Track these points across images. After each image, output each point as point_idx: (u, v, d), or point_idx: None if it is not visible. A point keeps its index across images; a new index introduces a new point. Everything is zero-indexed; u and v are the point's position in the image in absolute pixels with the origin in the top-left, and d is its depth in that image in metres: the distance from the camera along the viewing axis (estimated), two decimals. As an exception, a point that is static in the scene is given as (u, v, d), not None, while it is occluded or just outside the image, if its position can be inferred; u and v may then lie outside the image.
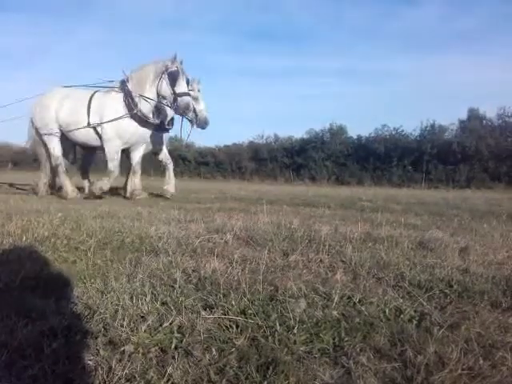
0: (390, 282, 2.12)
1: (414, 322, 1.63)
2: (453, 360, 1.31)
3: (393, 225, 4.02)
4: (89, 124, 7.48)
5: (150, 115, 7.46)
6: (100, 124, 7.42)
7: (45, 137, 7.90)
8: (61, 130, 7.81)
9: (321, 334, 1.49)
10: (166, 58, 7.19)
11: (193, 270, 2.22)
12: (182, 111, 7.29)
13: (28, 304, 1.69)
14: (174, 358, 1.34)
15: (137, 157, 7.84)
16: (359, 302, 1.79)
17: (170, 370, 1.25)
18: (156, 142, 7.99)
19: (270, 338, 1.47)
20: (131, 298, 1.76)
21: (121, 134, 7.42)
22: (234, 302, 1.72)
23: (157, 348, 1.39)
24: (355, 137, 28.61)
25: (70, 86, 8.10)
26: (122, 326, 1.51)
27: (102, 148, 7.72)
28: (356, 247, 2.84)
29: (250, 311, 1.65)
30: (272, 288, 1.94)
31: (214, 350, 1.38)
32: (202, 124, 7.96)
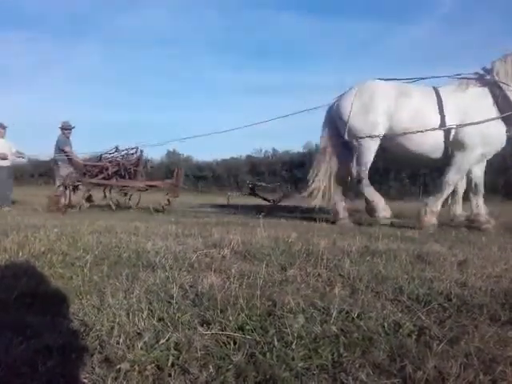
0: (388, 296, 2.10)
1: (413, 336, 1.62)
2: (453, 375, 1.30)
3: (391, 238, 4.02)
4: (444, 126, 5.73)
5: None
6: (461, 127, 5.69)
7: (356, 142, 6.10)
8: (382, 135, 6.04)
9: (319, 350, 1.48)
10: None
11: (190, 286, 2.20)
12: None
13: (23, 321, 1.67)
14: (170, 375, 1.32)
15: (479, 171, 6.03)
16: (358, 316, 1.78)
17: (166, 388, 1.23)
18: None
19: (268, 354, 1.45)
20: (127, 314, 1.74)
21: (487, 140, 5.69)
22: (231, 318, 1.70)
23: (153, 365, 1.37)
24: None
25: (389, 80, 6.28)
26: (118, 343, 1.50)
27: (441, 159, 5.94)
28: (354, 261, 2.83)
29: (247, 327, 1.63)
30: (270, 303, 1.93)
31: (211, 366, 1.36)
32: None
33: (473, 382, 1.28)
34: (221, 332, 1.60)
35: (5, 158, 8.92)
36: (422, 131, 5.73)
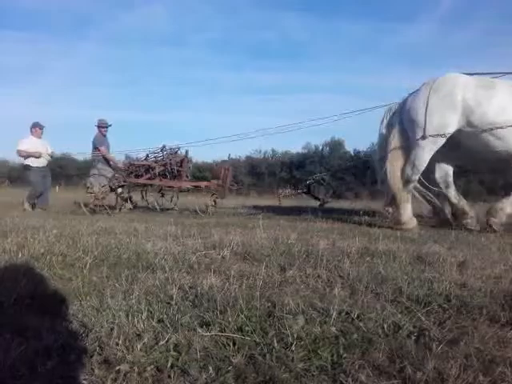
0: (388, 297, 2.10)
1: (413, 337, 1.61)
2: (452, 376, 1.30)
3: (390, 239, 4.02)
4: None
5: None
6: None
7: (422, 141, 5.53)
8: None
9: (319, 351, 1.47)
10: None
11: (190, 287, 2.20)
12: None
13: (23, 322, 1.67)
14: (170, 377, 1.32)
15: None
16: (357, 317, 1.78)
17: (165, 389, 1.23)
18: None
19: (267, 355, 1.45)
20: (127, 315, 1.74)
21: None
22: (231, 319, 1.70)
23: (152, 367, 1.37)
24: (352, 151, 28.84)
25: (469, 74, 5.68)
26: (117, 344, 1.49)
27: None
28: (354, 262, 2.83)
29: (247, 328, 1.63)
30: (269, 304, 1.93)
31: (210, 368, 1.36)
32: None
33: (472, 383, 1.28)
34: (220, 333, 1.60)
35: (40, 157, 8.60)
36: None
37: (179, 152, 8.55)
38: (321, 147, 29.55)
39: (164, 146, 8.56)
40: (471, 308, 1.94)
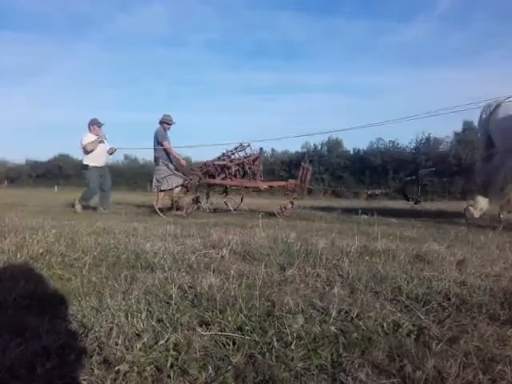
0: (387, 296, 2.10)
1: (413, 336, 1.61)
2: (452, 374, 1.30)
3: (389, 237, 4.02)
4: None
5: None
6: None
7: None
8: None
9: (319, 350, 1.47)
10: None
11: (189, 286, 2.20)
12: None
13: (22, 323, 1.66)
14: (169, 376, 1.32)
15: None
16: (357, 316, 1.78)
17: (165, 389, 1.23)
18: None
19: (267, 354, 1.45)
20: (126, 315, 1.73)
21: None
22: (230, 319, 1.70)
23: (152, 367, 1.36)
24: (351, 150, 28.88)
25: None
26: (116, 344, 1.49)
27: None
28: (353, 261, 2.83)
29: (246, 327, 1.63)
30: (269, 303, 1.92)
31: (210, 367, 1.36)
32: None
33: (472, 382, 1.28)
34: (220, 333, 1.60)
35: (102, 142, 8.32)
36: None
37: (250, 150, 8.04)
38: (319, 146, 29.57)
39: (241, 145, 8.09)
40: (470, 306, 1.95)
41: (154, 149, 8.21)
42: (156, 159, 8.16)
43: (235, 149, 8.12)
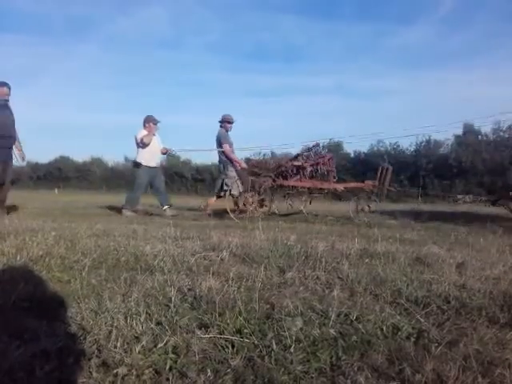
0: (387, 299, 2.10)
1: (412, 339, 1.61)
2: (451, 378, 1.30)
3: (389, 240, 4.02)
4: None
5: None
6: None
7: None
8: None
9: (318, 353, 1.47)
10: None
11: (188, 289, 2.20)
12: None
13: (21, 325, 1.66)
14: (168, 379, 1.31)
15: None
16: (356, 319, 1.78)
17: (164, 392, 1.22)
18: None
19: (266, 357, 1.44)
20: (125, 318, 1.73)
21: None
22: (229, 321, 1.70)
23: (151, 369, 1.36)
24: (352, 153, 28.90)
25: None
26: (115, 347, 1.49)
27: None
28: (353, 263, 2.83)
29: (245, 330, 1.63)
30: (268, 306, 1.92)
31: (209, 370, 1.35)
32: None
33: (471, 385, 1.28)
34: (219, 335, 1.60)
35: (164, 153, 8.22)
36: None
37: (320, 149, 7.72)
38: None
39: (318, 144, 7.85)
40: (470, 309, 1.94)
41: (217, 152, 7.97)
42: (223, 163, 7.92)
43: (310, 148, 7.83)
